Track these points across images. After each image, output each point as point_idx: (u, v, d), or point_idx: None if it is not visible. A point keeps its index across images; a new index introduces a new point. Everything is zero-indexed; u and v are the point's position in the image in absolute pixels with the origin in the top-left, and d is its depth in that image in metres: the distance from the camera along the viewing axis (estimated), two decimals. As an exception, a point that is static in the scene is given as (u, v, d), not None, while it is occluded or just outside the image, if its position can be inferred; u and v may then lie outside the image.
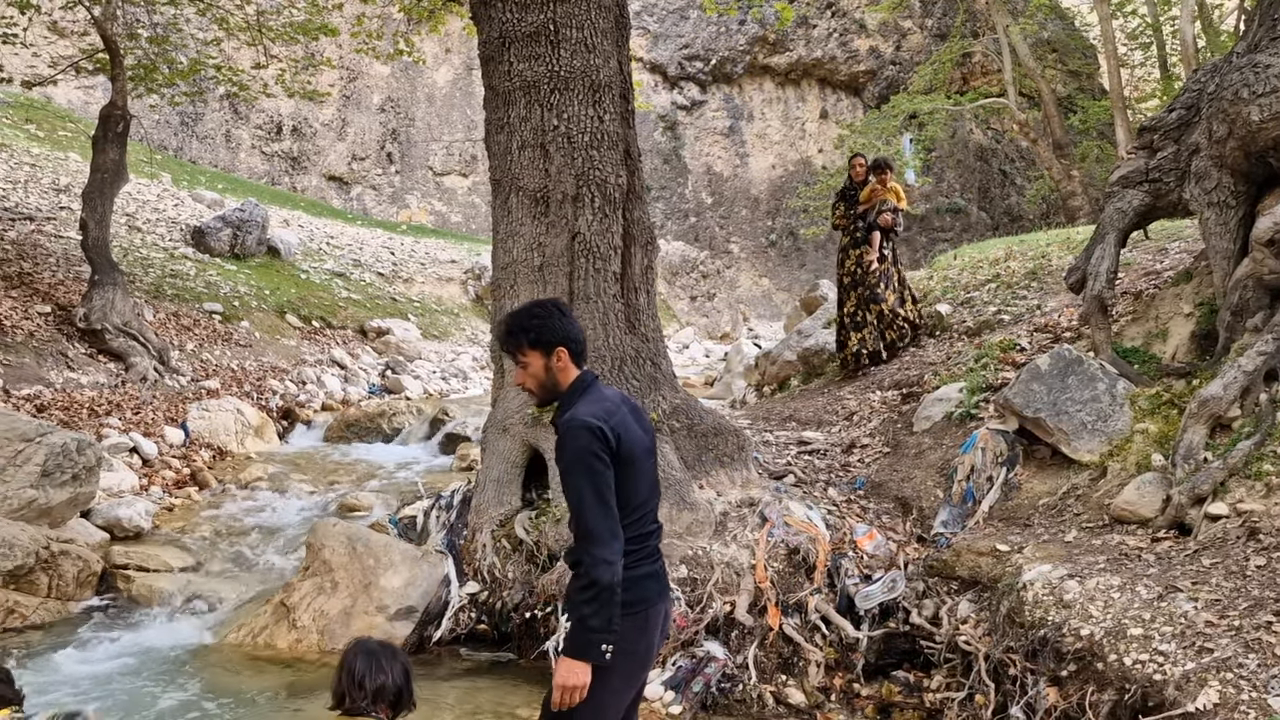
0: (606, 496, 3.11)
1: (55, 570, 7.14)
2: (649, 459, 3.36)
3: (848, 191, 9.86)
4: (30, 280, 12.58)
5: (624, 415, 3.27)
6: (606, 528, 3.08)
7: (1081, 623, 4.45)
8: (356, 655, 3.07)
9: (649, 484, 3.34)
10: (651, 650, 3.28)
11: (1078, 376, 6.24)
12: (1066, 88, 28.05)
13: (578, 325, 3.39)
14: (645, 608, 3.21)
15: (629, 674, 3.22)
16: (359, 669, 3.01)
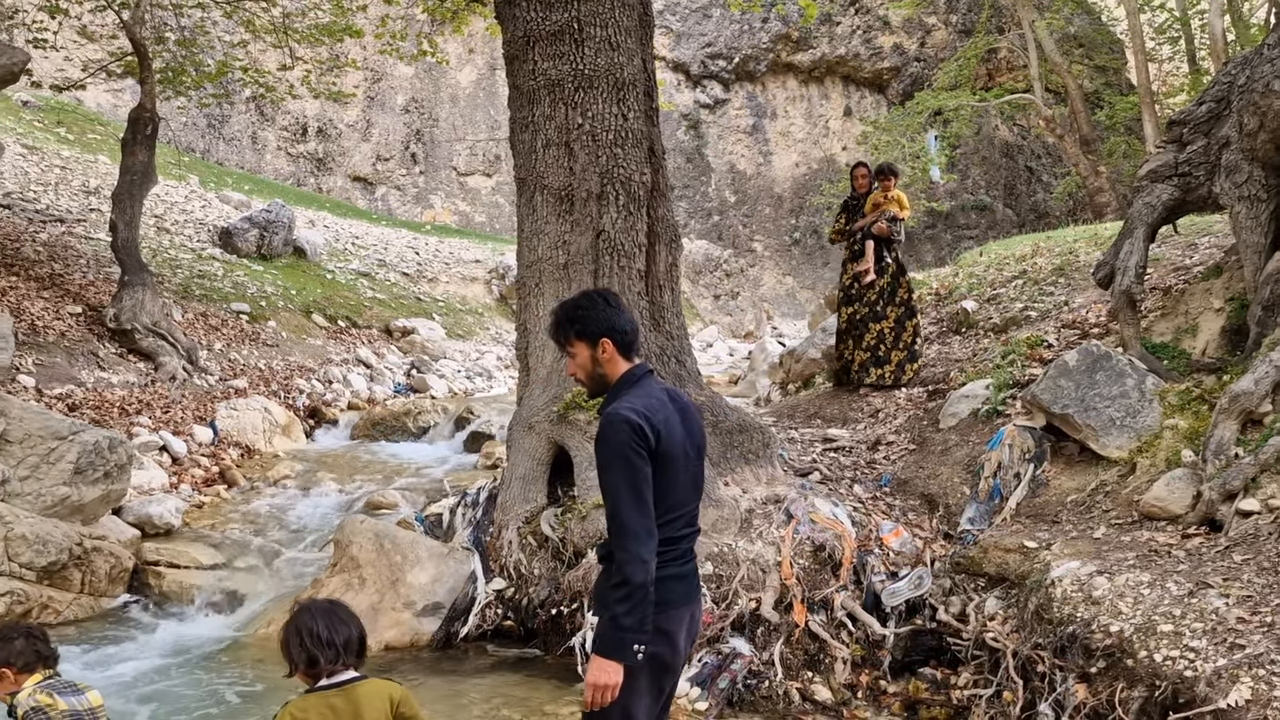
0: (643, 493, 3.04)
1: (88, 566, 7.23)
2: (693, 460, 3.26)
3: (850, 202, 9.28)
4: (61, 281, 12.73)
5: (669, 413, 3.19)
6: (642, 525, 3.01)
7: (1111, 619, 4.42)
8: (313, 616, 3.01)
9: (688, 486, 3.24)
10: (678, 653, 3.21)
11: (1106, 372, 6.19)
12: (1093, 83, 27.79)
13: (627, 316, 3.32)
14: (667, 609, 3.12)
15: (657, 677, 3.17)
16: (320, 628, 2.95)
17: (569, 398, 6.96)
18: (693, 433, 3.29)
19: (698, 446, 3.31)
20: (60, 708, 3.16)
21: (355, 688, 2.93)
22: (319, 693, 2.92)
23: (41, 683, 3.22)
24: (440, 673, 6.05)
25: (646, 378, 3.28)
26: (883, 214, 8.82)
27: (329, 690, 2.91)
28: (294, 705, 2.90)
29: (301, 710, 2.87)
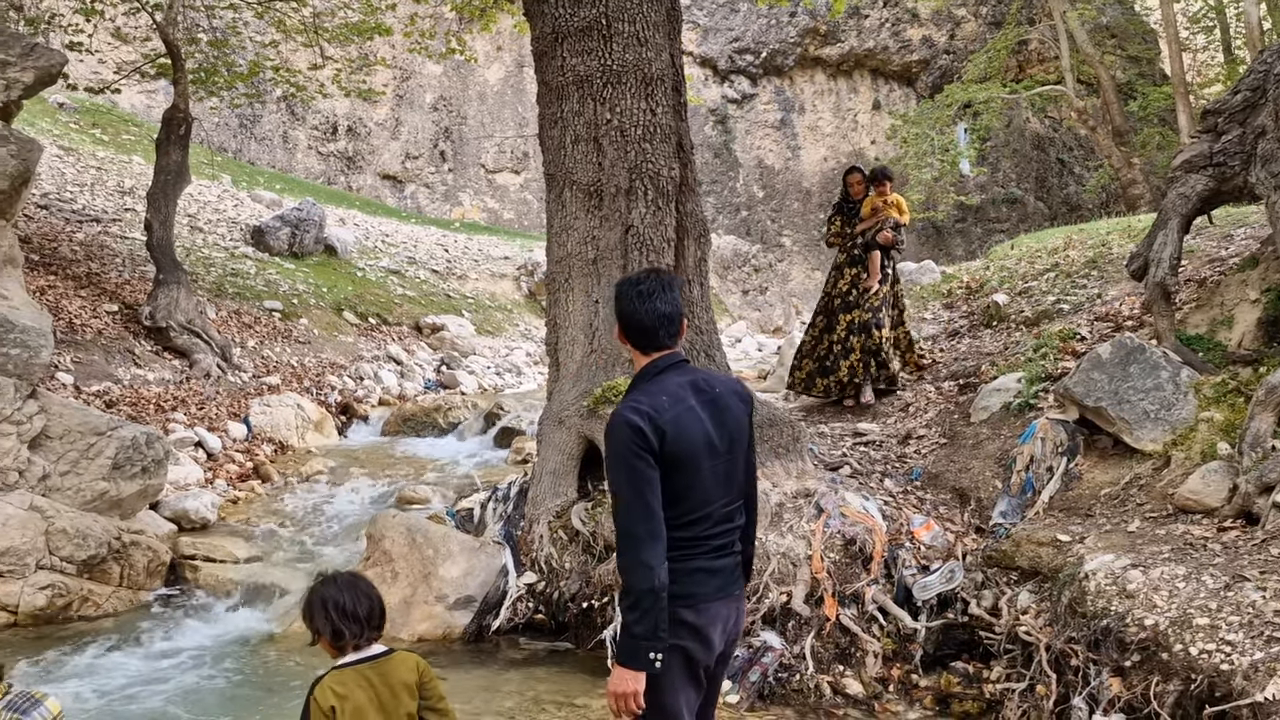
0: (646, 496, 2.91)
1: (126, 560, 7.34)
2: (723, 455, 3.09)
3: (844, 205, 8.97)
4: (98, 280, 12.91)
5: (682, 410, 3.01)
6: (645, 529, 2.89)
7: (1145, 612, 4.39)
8: (339, 589, 3.06)
9: (717, 483, 3.08)
10: (710, 647, 3.09)
11: (1140, 365, 6.14)
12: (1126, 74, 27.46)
13: (655, 305, 3.10)
14: (696, 602, 3.02)
15: (691, 669, 3.07)
16: (346, 602, 3.01)
17: (599, 392, 6.99)
18: (725, 424, 3.11)
19: (731, 439, 3.13)
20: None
21: (386, 661, 3.02)
22: (354, 667, 3.00)
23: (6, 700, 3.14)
24: (472, 665, 6.10)
25: (668, 371, 3.11)
26: (885, 221, 8.51)
27: (363, 664, 3.00)
28: (331, 679, 2.96)
29: (340, 684, 2.95)
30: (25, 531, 6.78)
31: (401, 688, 2.99)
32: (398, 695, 2.98)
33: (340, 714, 2.91)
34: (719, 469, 3.08)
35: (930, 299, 10.97)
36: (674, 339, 3.14)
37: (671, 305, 3.11)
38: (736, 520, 3.20)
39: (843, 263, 8.78)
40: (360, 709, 2.92)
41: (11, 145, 7.16)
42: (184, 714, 5.38)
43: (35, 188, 14.80)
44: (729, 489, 3.13)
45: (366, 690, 2.94)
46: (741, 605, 3.23)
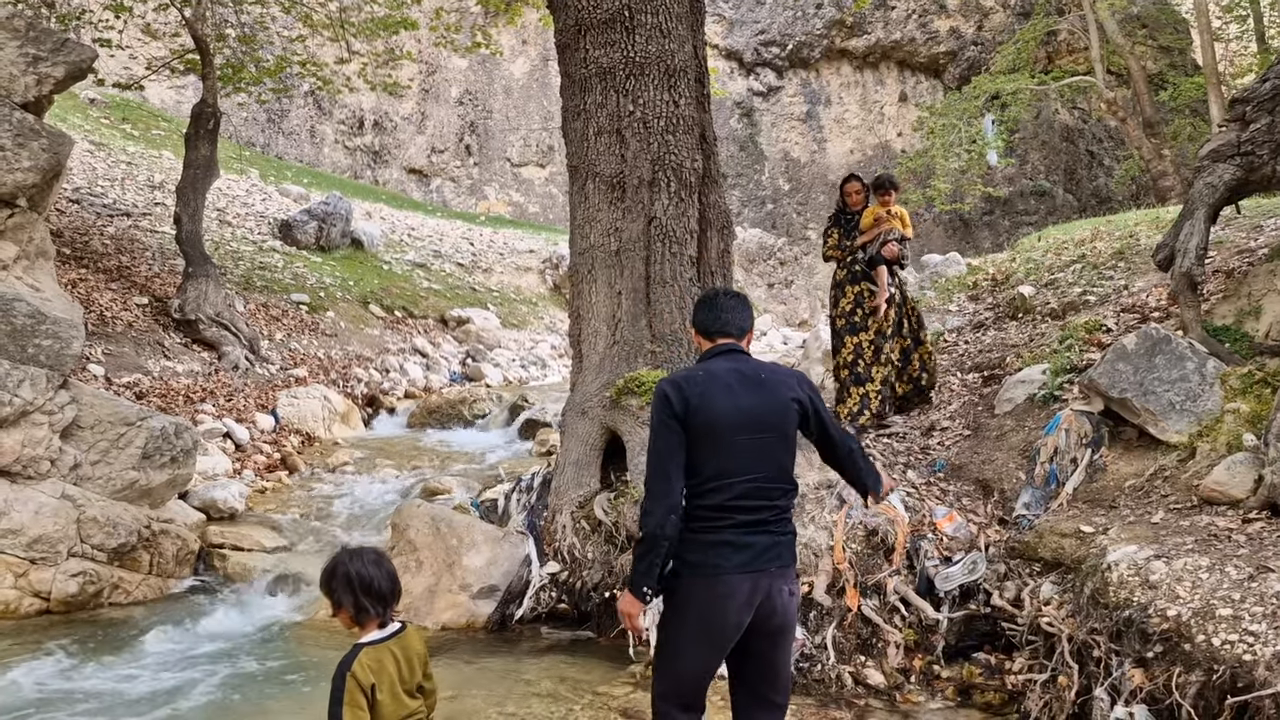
0: (663, 456, 3.25)
1: (156, 549, 7.45)
2: (748, 434, 3.28)
3: (842, 216, 8.11)
4: (129, 273, 13.08)
5: (716, 387, 3.28)
6: (657, 486, 3.24)
7: (1168, 603, 4.37)
8: (364, 564, 3.15)
9: (740, 458, 3.27)
10: (727, 617, 3.24)
11: (1166, 356, 6.09)
12: (1157, 64, 27.16)
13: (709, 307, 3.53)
14: (716, 573, 3.22)
15: (705, 634, 3.27)
16: (371, 576, 3.12)
17: (621, 383, 7.02)
18: (765, 406, 3.32)
19: (769, 421, 3.32)
20: None
21: (406, 636, 3.17)
22: (382, 644, 3.11)
23: None
24: (496, 654, 6.15)
25: (719, 356, 3.43)
26: (888, 233, 7.75)
27: (389, 640, 3.12)
28: (367, 657, 3.06)
29: (376, 661, 3.06)
30: (57, 520, 6.89)
31: (417, 660, 3.15)
32: (414, 668, 3.14)
33: (379, 690, 3.02)
34: (749, 445, 3.28)
35: (955, 291, 10.91)
36: (739, 334, 3.50)
37: (741, 315, 3.52)
38: (776, 500, 3.34)
39: (843, 279, 7.95)
40: (392, 683, 3.05)
41: (43, 139, 7.27)
42: (213, 699, 5.46)
43: (67, 182, 15.00)
44: (762, 466, 3.30)
45: (394, 665, 3.08)
46: (779, 583, 3.31)
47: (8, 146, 7.06)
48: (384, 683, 3.04)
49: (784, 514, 3.37)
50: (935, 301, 10.85)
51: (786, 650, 3.42)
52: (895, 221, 7.79)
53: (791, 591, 3.37)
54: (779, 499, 3.35)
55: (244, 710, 5.32)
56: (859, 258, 7.86)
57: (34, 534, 6.75)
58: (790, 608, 3.36)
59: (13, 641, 6.24)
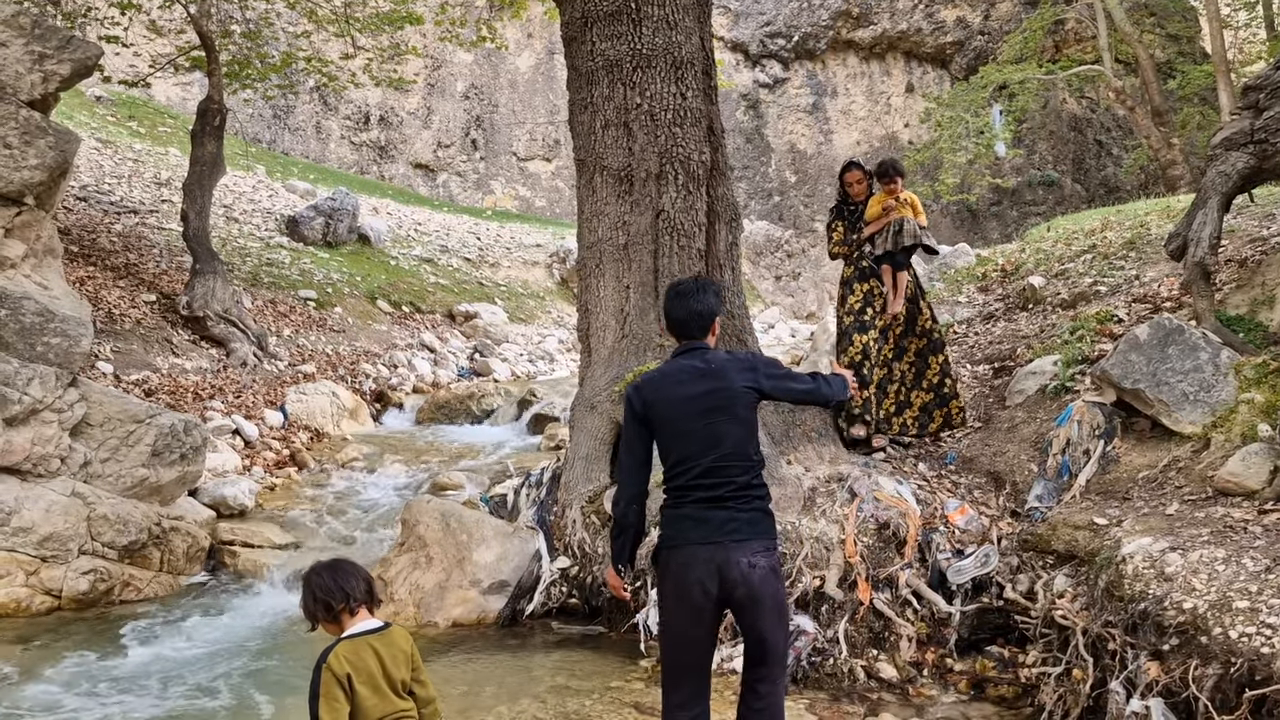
0: (627, 452, 3.82)
1: (166, 546, 7.46)
2: (700, 421, 3.64)
3: (844, 208, 7.44)
4: (136, 271, 13.09)
5: (667, 381, 3.71)
6: (622, 479, 3.84)
7: (1184, 596, 4.34)
8: (318, 573, 3.26)
9: (696, 443, 3.64)
10: (690, 583, 3.55)
11: (1179, 346, 6.04)
12: (1165, 52, 26.99)
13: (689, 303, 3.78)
14: (680, 544, 3.60)
15: (677, 599, 3.61)
16: (326, 580, 3.22)
17: (630, 377, 6.98)
18: (714, 394, 3.65)
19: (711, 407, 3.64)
20: None
21: (388, 633, 3.20)
22: (362, 637, 3.15)
23: None
24: (507, 649, 6.14)
25: (681, 355, 3.78)
26: (902, 222, 7.08)
27: (369, 635, 3.16)
28: (343, 648, 3.11)
29: (352, 653, 3.10)
30: (68, 518, 6.90)
31: (402, 657, 3.18)
32: (398, 664, 3.16)
33: (356, 681, 3.06)
34: (703, 430, 3.64)
35: (965, 282, 10.87)
36: (703, 332, 3.78)
37: (703, 304, 3.76)
38: (735, 477, 3.63)
39: (851, 276, 7.30)
40: (372, 675, 3.08)
41: (50, 137, 7.26)
42: (222, 695, 5.46)
43: (73, 180, 15.01)
44: (716, 448, 3.63)
45: (374, 659, 3.10)
46: (736, 554, 3.56)
47: (14, 145, 7.06)
48: (362, 675, 3.07)
49: (745, 490, 3.63)
50: (944, 293, 10.80)
51: (765, 620, 3.60)
52: (906, 209, 7.13)
53: (752, 564, 3.55)
54: (738, 475, 3.63)
55: (258, 705, 5.31)
56: (866, 252, 7.22)
57: (45, 532, 6.76)
58: (752, 578, 3.55)
59: (25, 639, 6.25)
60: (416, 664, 3.23)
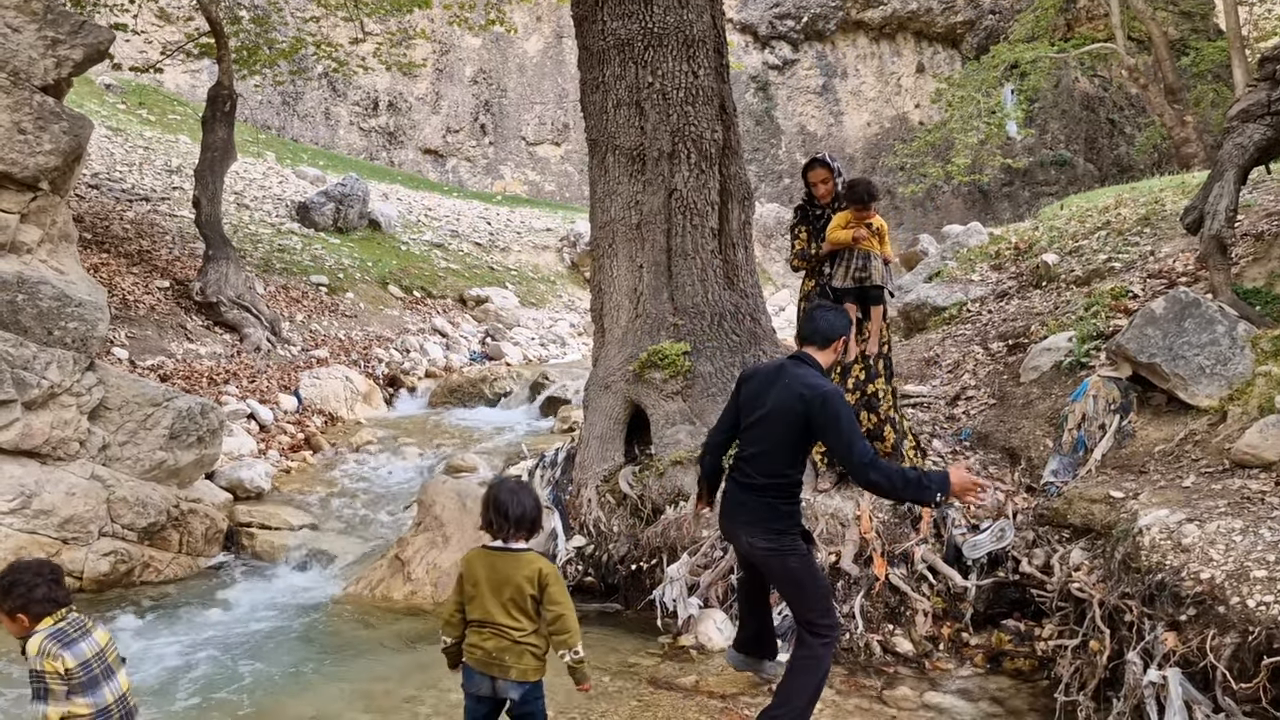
0: (720, 414, 4.62)
1: (185, 528, 7.51)
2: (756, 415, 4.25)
3: (809, 210, 6.41)
4: (149, 257, 13.14)
5: (762, 377, 4.33)
6: (709, 433, 4.71)
7: (1201, 566, 4.33)
8: (505, 491, 3.72)
9: (751, 432, 4.28)
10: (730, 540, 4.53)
11: (1195, 320, 6.02)
12: (1179, 30, 26.76)
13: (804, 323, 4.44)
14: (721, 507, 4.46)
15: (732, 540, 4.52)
16: (505, 502, 3.65)
17: (644, 356, 7.00)
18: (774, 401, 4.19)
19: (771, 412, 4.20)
20: (62, 669, 3.18)
21: (518, 555, 3.64)
22: (488, 550, 3.68)
23: (51, 630, 3.23)
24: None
25: (789, 359, 4.33)
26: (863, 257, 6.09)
27: (496, 551, 3.66)
28: (470, 554, 3.74)
29: (474, 557, 3.69)
30: (88, 500, 6.95)
31: (522, 579, 3.59)
32: (508, 581, 3.59)
33: (465, 578, 3.68)
34: (757, 426, 4.26)
35: (978, 261, 10.81)
36: (817, 345, 4.31)
37: (823, 329, 4.30)
38: (760, 476, 4.22)
39: (812, 292, 6.37)
40: (477, 580, 3.64)
41: (63, 122, 7.28)
42: (245, 674, 5.51)
43: (85, 168, 15.06)
44: (761, 444, 4.23)
45: (485, 569, 3.63)
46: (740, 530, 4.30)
47: (29, 130, 7.08)
48: (468, 574, 3.65)
49: (765, 489, 4.20)
50: (957, 271, 10.76)
51: (779, 588, 4.39)
52: (873, 241, 6.10)
53: (751, 544, 4.24)
54: (764, 477, 4.20)
55: (276, 682, 5.36)
56: (826, 273, 6.26)
57: (65, 514, 6.81)
58: (754, 554, 4.29)
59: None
60: (547, 593, 3.59)
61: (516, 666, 3.61)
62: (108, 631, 3.39)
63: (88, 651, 3.25)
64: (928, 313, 10.20)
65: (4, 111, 6.97)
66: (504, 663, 3.61)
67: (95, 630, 3.33)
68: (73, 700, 3.20)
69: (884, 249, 6.18)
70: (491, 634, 3.60)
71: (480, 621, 3.62)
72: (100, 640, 3.31)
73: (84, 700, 3.21)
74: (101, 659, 3.28)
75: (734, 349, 7.09)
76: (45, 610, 3.27)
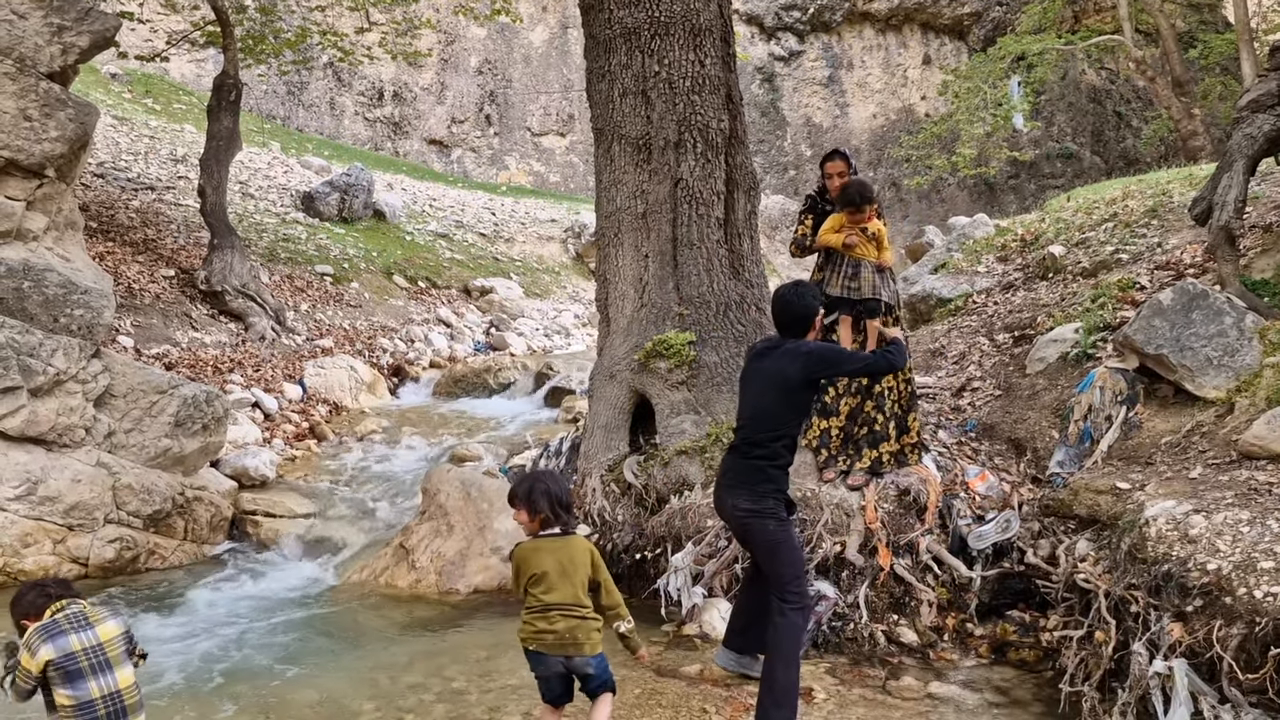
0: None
1: (190, 515, 7.52)
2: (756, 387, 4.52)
3: (819, 202, 6.32)
4: (154, 246, 13.14)
5: (753, 358, 4.64)
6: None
7: (1208, 557, 4.32)
8: (554, 482, 3.97)
9: (745, 405, 4.55)
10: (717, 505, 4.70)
11: (1203, 311, 6.00)
12: (1187, 22, 26.63)
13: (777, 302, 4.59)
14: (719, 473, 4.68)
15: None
16: (559, 493, 3.91)
17: (649, 346, 6.99)
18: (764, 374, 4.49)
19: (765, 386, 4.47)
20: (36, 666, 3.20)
21: (570, 540, 3.91)
22: (544, 538, 3.88)
23: (45, 622, 3.28)
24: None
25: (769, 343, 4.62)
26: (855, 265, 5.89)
27: (550, 539, 3.88)
28: (524, 546, 3.92)
29: (532, 549, 3.87)
30: (93, 487, 6.96)
31: (583, 560, 3.86)
32: (576, 563, 3.84)
33: (526, 569, 3.85)
34: (750, 394, 4.55)
35: (984, 252, 10.78)
36: (798, 332, 4.49)
37: (799, 309, 4.48)
38: (756, 440, 4.43)
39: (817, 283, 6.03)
40: (545, 569, 3.80)
41: (70, 109, 7.28)
42: (249, 661, 5.52)
43: (91, 157, 15.05)
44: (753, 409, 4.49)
45: (551, 556, 3.83)
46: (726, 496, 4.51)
47: (35, 117, 7.08)
48: (538, 567, 3.81)
49: (758, 449, 4.41)
50: (963, 263, 10.73)
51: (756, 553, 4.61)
52: (869, 247, 5.90)
53: (736, 506, 4.44)
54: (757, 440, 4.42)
55: (281, 669, 5.37)
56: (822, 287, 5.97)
57: (71, 501, 6.83)
58: (735, 519, 4.50)
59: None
60: (598, 570, 3.89)
61: (588, 642, 3.84)
62: (122, 625, 3.38)
63: (75, 645, 3.24)
64: (933, 304, 10.18)
65: (10, 98, 6.97)
66: (577, 640, 3.81)
67: (103, 624, 3.32)
68: (57, 691, 3.22)
69: (882, 255, 5.93)
70: (560, 615, 3.80)
71: (548, 606, 3.81)
72: (102, 635, 3.30)
73: (64, 691, 3.22)
74: (96, 654, 3.27)
75: (739, 339, 7.08)
76: (40, 606, 3.30)
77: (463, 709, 4.64)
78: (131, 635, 3.44)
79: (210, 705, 4.83)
